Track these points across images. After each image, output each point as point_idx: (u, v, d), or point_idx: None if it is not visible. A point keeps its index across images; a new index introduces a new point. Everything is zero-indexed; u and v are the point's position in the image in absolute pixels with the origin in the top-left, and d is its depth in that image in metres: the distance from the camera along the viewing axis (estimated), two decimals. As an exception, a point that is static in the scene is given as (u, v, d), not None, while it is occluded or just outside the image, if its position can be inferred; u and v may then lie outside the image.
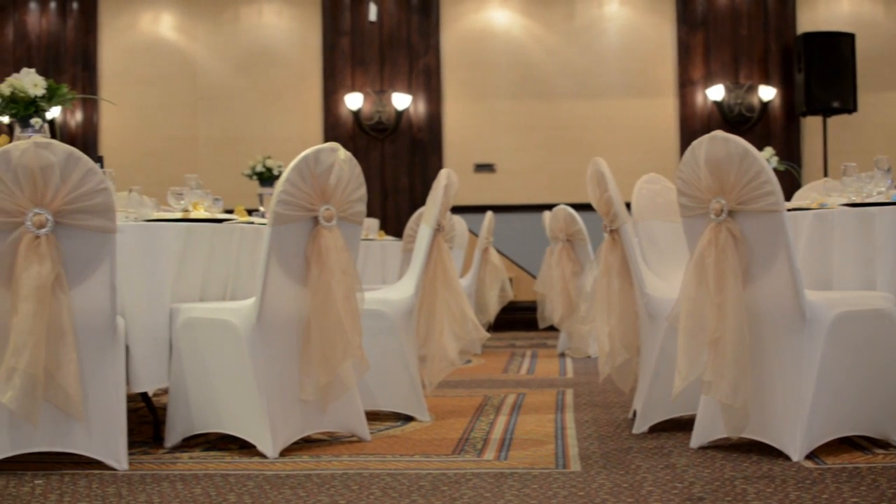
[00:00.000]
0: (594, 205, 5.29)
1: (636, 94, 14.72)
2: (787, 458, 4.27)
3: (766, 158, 8.01)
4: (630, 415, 5.56)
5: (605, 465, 4.31)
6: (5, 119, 5.36)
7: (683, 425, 5.08)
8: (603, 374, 5.38)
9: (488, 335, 6.18)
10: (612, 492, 3.79)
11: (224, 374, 4.66)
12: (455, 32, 14.92)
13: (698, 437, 4.63)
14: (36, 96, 5.17)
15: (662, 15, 14.71)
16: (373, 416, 5.47)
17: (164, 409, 5.07)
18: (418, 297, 5.65)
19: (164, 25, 15.30)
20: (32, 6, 15.36)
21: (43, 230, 4.14)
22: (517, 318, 13.51)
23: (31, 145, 4.14)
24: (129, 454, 4.47)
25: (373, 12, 14.58)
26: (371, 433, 5.06)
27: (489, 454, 4.61)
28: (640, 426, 5.07)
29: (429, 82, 14.82)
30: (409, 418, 5.60)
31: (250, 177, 11.63)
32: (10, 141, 4.95)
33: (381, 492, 3.86)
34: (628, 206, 5.32)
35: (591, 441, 4.89)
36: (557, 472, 4.19)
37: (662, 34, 14.72)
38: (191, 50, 15.21)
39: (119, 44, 15.32)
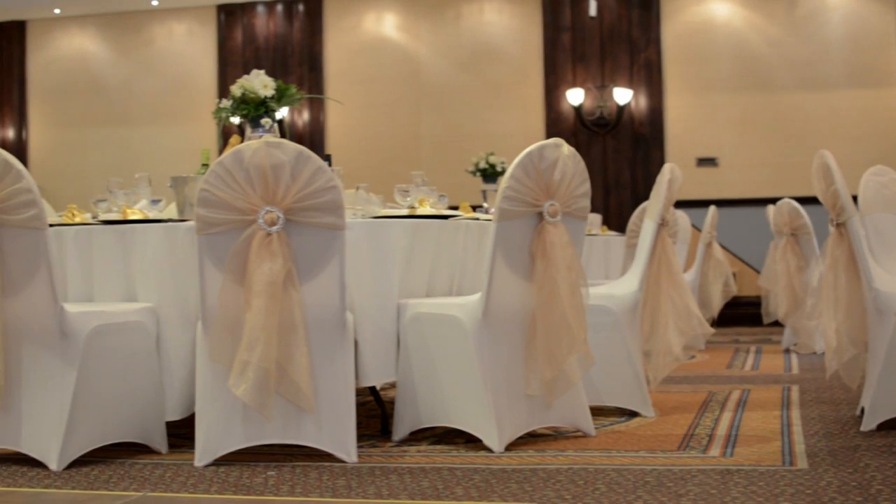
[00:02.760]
0: (820, 198, 5.19)
1: (861, 84, 14.36)
2: None
3: None
4: (858, 412, 5.43)
5: (832, 462, 4.22)
6: (236, 120, 5.51)
7: (916, 423, 4.96)
8: (830, 371, 5.27)
9: (713, 331, 6.12)
10: (840, 490, 3.71)
11: (450, 368, 4.70)
12: (676, 26, 14.77)
13: (932, 436, 4.53)
14: (266, 97, 5.29)
15: (886, 2, 14.31)
16: (597, 412, 5.46)
17: (391, 403, 5.15)
18: (642, 292, 5.61)
19: (388, 25, 15.51)
20: (260, 10, 15.74)
21: (274, 228, 4.24)
22: (741, 314, 13.32)
23: (262, 145, 4.25)
24: (358, 447, 4.55)
25: (593, 8, 14.53)
26: (595, 428, 5.05)
27: (714, 451, 4.56)
28: (869, 423, 4.95)
29: (650, 76, 14.71)
30: (633, 414, 5.57)
31: (474, 173, 11.70)
32: (242, 141, 5.08)
33: (607, 487, 3.85)
34: (855, 199, 5.21)
35: (817, 438, 4.79)
36: (784, 469, 4.12)
37: (887, 22, 14.32)
38: (414, 49, 15.39)
39: (344, 44, 15.58)
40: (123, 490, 3.98)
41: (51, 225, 4.39)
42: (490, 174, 11.52)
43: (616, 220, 14.17)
